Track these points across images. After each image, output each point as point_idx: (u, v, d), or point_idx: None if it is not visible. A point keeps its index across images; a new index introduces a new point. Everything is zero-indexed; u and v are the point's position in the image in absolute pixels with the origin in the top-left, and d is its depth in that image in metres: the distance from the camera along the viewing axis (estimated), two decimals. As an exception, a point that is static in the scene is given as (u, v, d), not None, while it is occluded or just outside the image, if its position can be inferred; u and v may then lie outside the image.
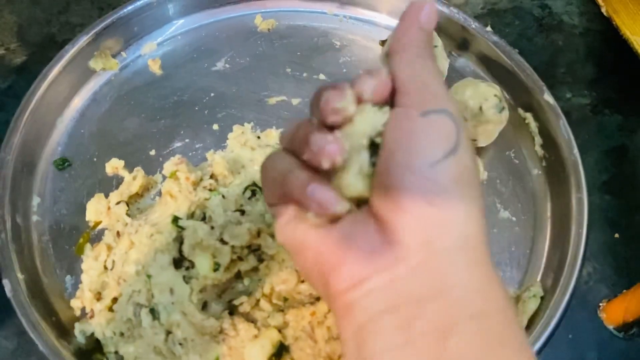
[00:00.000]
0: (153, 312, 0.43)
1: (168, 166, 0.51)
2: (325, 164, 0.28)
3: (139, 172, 0.53)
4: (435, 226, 0.26)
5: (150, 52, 0.61)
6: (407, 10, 0.31)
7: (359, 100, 0.30)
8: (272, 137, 0.56)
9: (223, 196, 0.48)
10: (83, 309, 0.47)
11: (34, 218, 0.51)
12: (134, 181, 0.51)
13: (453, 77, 0.60)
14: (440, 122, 0.28)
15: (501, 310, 0.26)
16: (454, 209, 0.27)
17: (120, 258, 0.46)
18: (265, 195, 0.33)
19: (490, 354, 0.25)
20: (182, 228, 0.45)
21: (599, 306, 0.50)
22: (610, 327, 0.49)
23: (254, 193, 0.48)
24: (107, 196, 0.52)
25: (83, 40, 0.57)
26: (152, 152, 0.56)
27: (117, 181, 0.54)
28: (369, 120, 0.29)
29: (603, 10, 0.66)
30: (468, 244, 0.27)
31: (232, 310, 0.44)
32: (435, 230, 0.26)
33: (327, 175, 0.30)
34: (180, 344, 0.42)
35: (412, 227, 0.26)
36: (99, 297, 0.46)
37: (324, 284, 0.29)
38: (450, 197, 0.27)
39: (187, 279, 0.44)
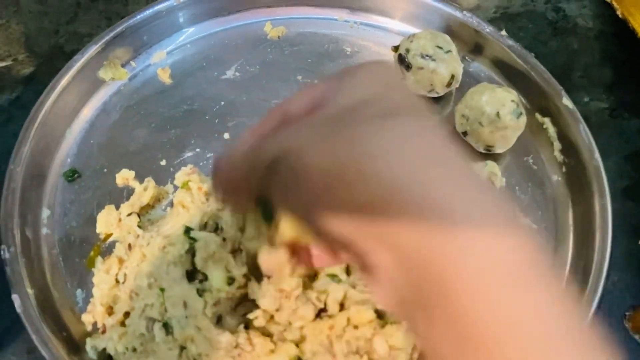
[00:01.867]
0: (166, 326, 0.42)
1: (180, 176, 0.50)
2: None
3: (149, 182, 0.52)
4: None
5: (159, 61, 0.61)
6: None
7: None
8: (285, 145, 0.55)
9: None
10: (94, 324, 0.46)
11: (44, 231, 0.50)
12: (145, 192, 0.51)
13: (468, 82, 0.58)
14: None
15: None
16: None
17: (132, 271, 0.45)
18: None
19: None
20: (194, 240, 0.44)
21: (625, 315, 0.49)
22: (637, 336, 0.48)
23: (267, 203, 0.47)
24: (117, 208, 0.51)
25: (92, 50, 0.56)
26: (163, 162, 0.55)
27: (128, 192, 0.53)
28: None
29: (618, 12, 0.64)
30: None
31: (247, 324, 0.43)
32: None
33: None
34: (194, 359, 0.41)
35: None
36: (110, 311, 0.45)
37: None
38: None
39: (200, 292, 0.43)
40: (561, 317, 0.22)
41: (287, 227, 0.28)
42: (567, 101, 0.54)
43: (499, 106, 0.52)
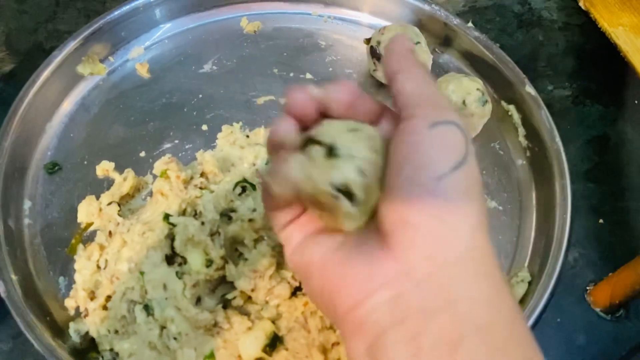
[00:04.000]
0: (147, 308, 0.44)
1: (158, 165, 0.52)
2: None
3: (129, 173, 0.53)
4: (441, 240, 0.26)
5: (137, 56, 0.62)
6: (395, 40, 0.33)
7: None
8: (261, 135, 0.57)
9: (212, 191, 0.48)
10: (77, 309, 0.47)
11: (26, 221, 0.52)
12: (124, 182, 0.52)
13: (436, 72, 0.61)
14: (448, 133, 0.28)
15: (509, 321, 0.26)
16: (461, 222, 0.27)
17: (113, 257, 0.47)
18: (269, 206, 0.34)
19: None
20: (173, 225, 0.46)
21: (586, 290, 0.51)
22: (597, 309, 0.50)
23: (244, 189, 0.49)
24: (98, 198, 0.52)
25: (71, 46, 0.58)
26: (142, 154, 0.56)
27: (108, 183, 0.54)
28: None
29: (581, 3, 0.67)
30: (474, 256, 0.27)
31: (226, 304, 0.45)
32: (441, 244, 0.26)
33: None
34: (174, 338, 0.42)
35: (417, 241, 0.26)
36: (92, 296, 0.46)
37: (331, 306, 0.29)
38: (458, 211, 0.27)
39: (179, 275, 0.44)
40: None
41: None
42: (530, 89, 0.56)
43: (464, 94, 0.54)
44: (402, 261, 0.26)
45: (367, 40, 0.61)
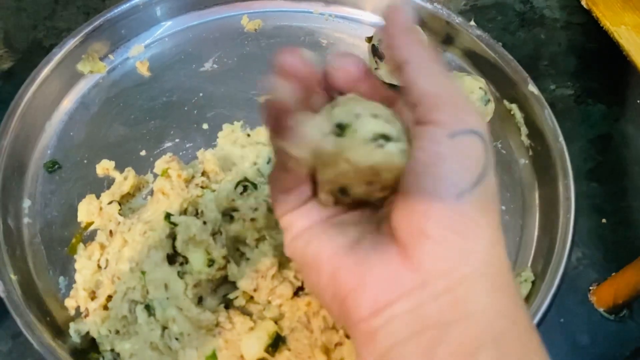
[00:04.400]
0: (148, 308, 0.43)
1: (159, 164, 0.51)
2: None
3: (130, 172, 0.53)
4: (459, 254, 0.26)
5: (138, 55, 0.62)
6: (392, 15, 0.30)
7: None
8: (262, 134, 0.56)
9: (214, 191, 0.48)
10: (77, 309, 0.47)
11: (26, 220, 0.51)
12: (125, 181, 0.52)
13: (439, 71, 0.60)
14: (469, 144, 0.27)
15: (523, 333, 0.26)
16: (479, 237, 0.26)
17: (113, 256, 0.46)
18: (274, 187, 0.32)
19: None
20: (174, 224, 0.45)
21: (589, 290, 0.51)
22: (601, 309, 0.50)
23: (245, 188, 0.48)
24: (98, 197, 0.52)
25: (71, 44, 0.57)
26: (143, 153, 0.56)
27: (108, 182, 0.54)
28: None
29: (583, 3, 0.67)
30: (491, 270, 0.26)
31: (228, 304, 0.44)
32: (459, 257, 0.26)
33: None
34: (176, 338, 0.42)
35: (436, 254, 0.26)
36: (93, 296, 0.46)
37: (343, 309, 0.28)
38: (476, 227, 0.26)
39: (181, 275, 0.44)
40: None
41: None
42: (533, 88, 0.56)
43: (467, 93, 0.54)
44: (421, 273, 0.26)
45: (369, 39, 0.61)
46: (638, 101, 0.63)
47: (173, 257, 0.45)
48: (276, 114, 0.29)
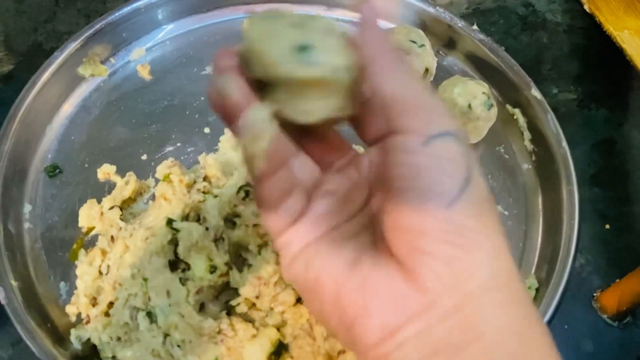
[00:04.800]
0: (150, 315, 0.43)
1: (161, 169, 0.51)
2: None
3: (131, 176, 0.52)
4: (462, 269, 0.25)
5: (139, 58, 0.61)
6: (366, 10, 0.29)
7: None
8: (264, 139, 0.56)
9: (216, 196, 0.47)
10: (78, 315, 0.46)
11: (26, 225, 0.51)
12: (126, 186, 0.51)
13: (441, 75, 0.60)
14: (446, 148, 0.25)
15: (540, 352, 0.25)
16: (480, 247, 0.25)
17: (115, 262, 0.46)
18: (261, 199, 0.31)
19: None
20: (176, 230, 0.45)
21: (593, 296, 0.51)
22: (605, 316, 0.50)
23: (247, 193, 0.48)
24: (99, 202, 0.51)
25: (72, 47, 0.57)
26: (144, 157, 0.55)
27: (109, 187, 0.53)
28: None
29: (586, 7, 0.67)
30: (499, 281, 0.25)
31: (230, 311, 0.44)
32: (463, 272, 0.25)
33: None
34: (178, 346, 0.42)
35: (438, 271, 0.25)
36: (94, 302, 0.46)
37: (348, 332, 0.27)
38: (475, 235, 0.25)
39: (183, 281, 0.44)
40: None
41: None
42: (536, 92, 0.56)
43: (470, 98, 0.54)
44: (425, 292, 0.25)
45: (371, 43, 0.60)
46: (641, 106, 0.63)
47: (175, 264, 0.45)
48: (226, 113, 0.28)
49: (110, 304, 0.45)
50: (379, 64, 0.27)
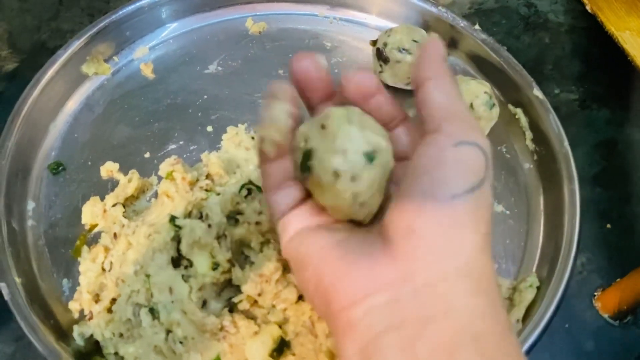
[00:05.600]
0: (153, 311, 0.43)
1: (164, 167, 0.51)
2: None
3: (134, 174, 0.52)
4: (443, 253, 0.27)
5: (142, 56, 0.62)
6: (431, 43, 0.33)
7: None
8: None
9: (218, 194, 0.48)
10: (81, 312, 0.46)
11: (30, 222, 0.51)
12: (129, 183, 0.51)
13: (443, 75, 0.60)
14: (471, 154, 0.28)
15: (503, 333, 0.27)
16: (465, 240, 0.27)
17: (118, 259, 0.46)
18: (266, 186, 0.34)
19: None
20: (179, 227, 0.45)
21: (594, 296, 0.51)
22: (606, 315, 0.50)
23: (249, 191, 0.48)
24: (102, 199, 0.52)
25: (75, 45, 0.57)
26: (147, 155, 0.56)
27: (112, 184, 0.53)
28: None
29: (587, 7, 0.67)
30: (474, 274, 0.27)
31: (232, 308, 0.44)
32: (443, 257, 0.27)
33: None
34: (180, 342, 0.42)
35: (420, 250, 0.27)
36: (97, 298, 0.46)
37: (324, 301, 0.29)
38: (464, 230, 0.27)
39: (185, 278, 0.44)
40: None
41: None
42: (537, 92, 0.56)
43: (472, 98, 0.54)
44: (402, 267, 0.27)
45: (374, 42, 0.60)
46: (643, 106, 0.63)
47: (177, 261, 0.45)
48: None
49: (113, 301, 0.45)
50: (436, 79, 0.31)
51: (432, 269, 0.27)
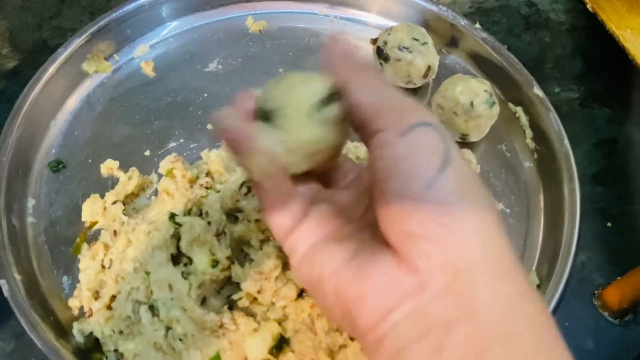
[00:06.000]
0: (152, 308, 0.43)
1: (164, 164, 0.51)
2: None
3: (134, 172, 0.53)
4: (451, 246, 0.25)
5: (142, 55, 0.62)
6: (332, 43, 0.32)
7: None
8: (267, 135, 0.56)
9: (218, 191, 0.48)
10: (81, 309, 0.46)
11: (30, 219, 0.51)
12: (129, 181, 0.52)
13: (443, 74, 0.60)
14: (421, 136, 0.27)
15: (535, 327, 0.25)
16: (466, 223, 0.25)
17: (117, 256, 0.46)
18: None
19: None
20: (179, 225, 0.45)
21: (594, 294, 0.51)
22: (605, 314, 0.50)
23: (249, 189, 0.48)
24: (102, 197, 0.52)
25: (76, 43, 0.57)
26: (147, 153, 0.56)
27: (112, 182, 0.54)
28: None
29: (588, 6, 0.67)
30: (488, 257, 0.25)
31: (232, 305, 0.44)
32: (453, 249, 0.25)
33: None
34: (180, 339, 0.42)
35: (427, 251, 0.25)
36: (97, 295, 0.46)
37: (349, 321, 0.28)
38: (459, 213, 0.25)
39: (185, 275, 0.44)
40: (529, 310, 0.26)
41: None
42: (538, 91, 0.56)
43: (472, 96, 0.54)
44: (417, 273, 0.25)
45: (374, 41, 0.60)
46: (643, 105, 0.63)
47: (177, 258, 0.45)
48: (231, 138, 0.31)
49: (113, 298, 0.45)
50: (354, 84, 0.29)
51: (447, 267, 0.25)
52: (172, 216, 0.46)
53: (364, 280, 0.27)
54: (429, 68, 0.58)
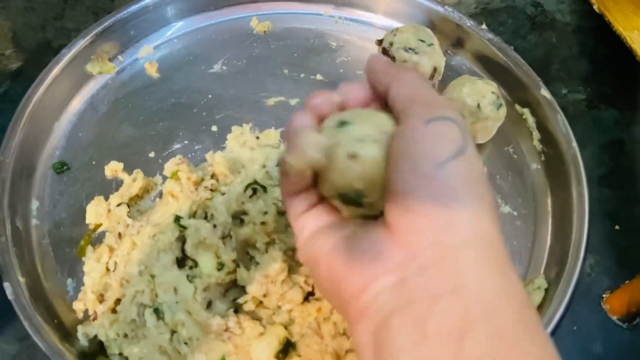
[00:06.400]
0: (157, 312, 0.43)
1: (169, 166, 0.51)
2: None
3: (138, 174, 0.52)
4: (444, 225, 0.26)
5: (147, 56, 0.61)
6: (371, 60, 0.34)
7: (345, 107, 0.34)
8: (272, 137, 0.56)
9: (223, 194, 0.47)
10: (86, 312, 0.46)
11: (34, 222, 0.51)
12: (133, 183, 0.51)
13: (450, 75, 0.60)
14: (444, 127, 0.28)
15: (517, 307, 0.26)
16: (465, 207, 0.27)
17: (122, 259, 0.46)
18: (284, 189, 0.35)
19: (507, 355, 0.24)
20: (184, 227, 0.45)
21: (602, 297, 0.50)
22: (614, 317, 0.49)
23: (254, 191, 0.48)
24: (106, 199, 0.51)
25: (80, 44, 0.57)
26: (152, 154, 0.55)
27: (117, 184, 0.53)
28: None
29: (595, 7, 0.66)
30: (481, 242, 0.27)
31: (237, 309, 0.44)
32: (444, 229, 0.26)
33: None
34: (185, 343, 0.42)
35: (420, 227, 0.27)
36: (101, 299, 0.46)
37: (337, 293, 0.29)
38: (459, 197, 0.27)
39: (190, 278, 0.44)
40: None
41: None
42: (545, 92, 0.55)
43: (479, 98, 0.53)
44: (406, 247, 0.27)
45: (379, 42, 0.60)
46: (651, 106, 0.62)
47: (182, 261, 0.45)
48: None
49: (118, 301, 0.45)
50: (396, 82, 0.32)
51: (436, 244, 0.26)
52: (177, 219, 0.45)
53: (354, 252, 0.28)
54: (435, 69, 0.57)
